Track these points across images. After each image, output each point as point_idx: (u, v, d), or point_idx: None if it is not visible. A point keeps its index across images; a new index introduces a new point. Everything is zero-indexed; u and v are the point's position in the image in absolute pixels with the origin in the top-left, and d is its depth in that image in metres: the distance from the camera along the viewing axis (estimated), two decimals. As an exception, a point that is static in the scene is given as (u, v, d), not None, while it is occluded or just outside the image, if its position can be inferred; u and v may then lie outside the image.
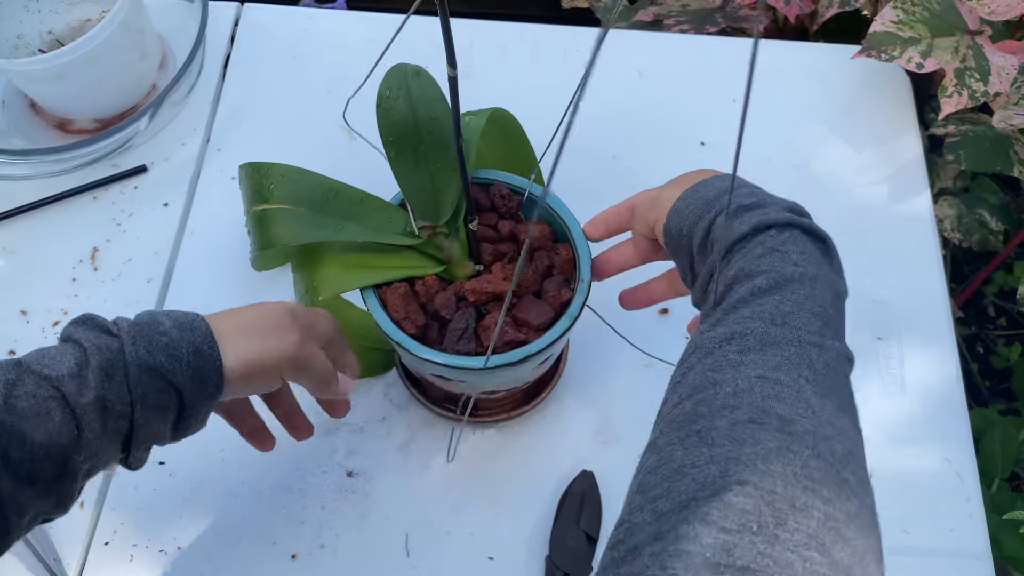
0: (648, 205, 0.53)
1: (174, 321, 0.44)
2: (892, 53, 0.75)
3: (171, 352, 0.43)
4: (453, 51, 0.42)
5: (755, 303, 0.41)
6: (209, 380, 0.44)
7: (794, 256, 0.44)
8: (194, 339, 0.44)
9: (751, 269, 0.43)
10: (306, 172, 0.58)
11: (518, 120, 0.65)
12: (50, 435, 0.40)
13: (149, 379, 0.42)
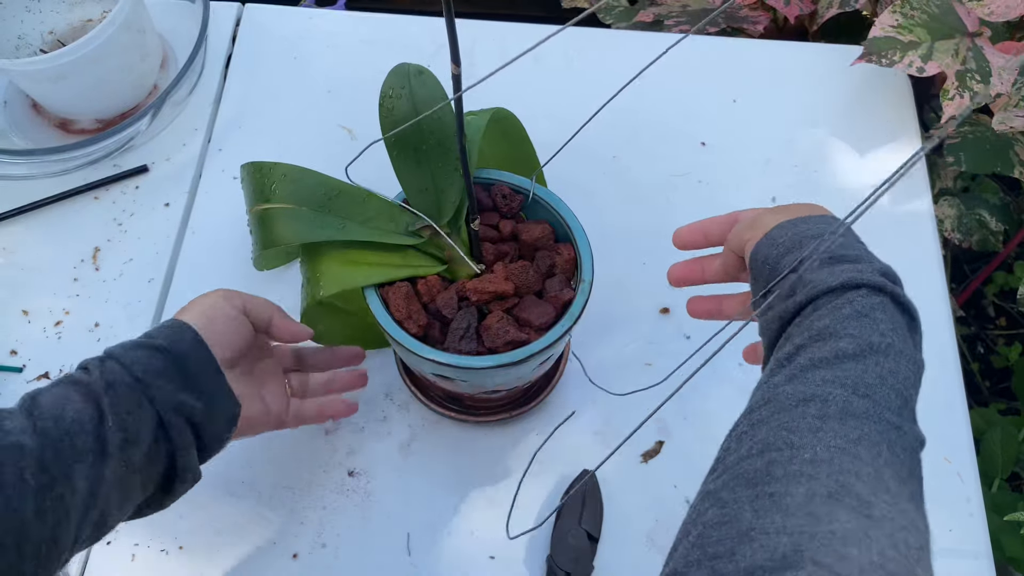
0: (747, 223, 0.52)
1: (147, 334, 0.49)
2: (893, 58, 0.76)
3: (157, 344, 0.48)
4: (457, 49, 0.42)
5: (838, 367, 0.40)
6: (209, 369, 0.50)
7: (882, 325, 0.42)
8: (169, 326, 0.50)
9: (837, 329, 0.41)
10: (308, 171, 0.58)
11: (519, 120, 0.65)
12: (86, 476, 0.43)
13: (160, 381, 0.47)
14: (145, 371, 0.46)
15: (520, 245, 0.60)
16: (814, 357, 0.41)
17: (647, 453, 0.67)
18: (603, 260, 0.60)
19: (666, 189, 0.79)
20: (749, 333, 0.72)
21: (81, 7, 0.84)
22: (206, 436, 0.49)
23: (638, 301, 0.73)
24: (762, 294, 0.47)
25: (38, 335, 0.71)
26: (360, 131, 0.82)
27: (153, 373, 0.46)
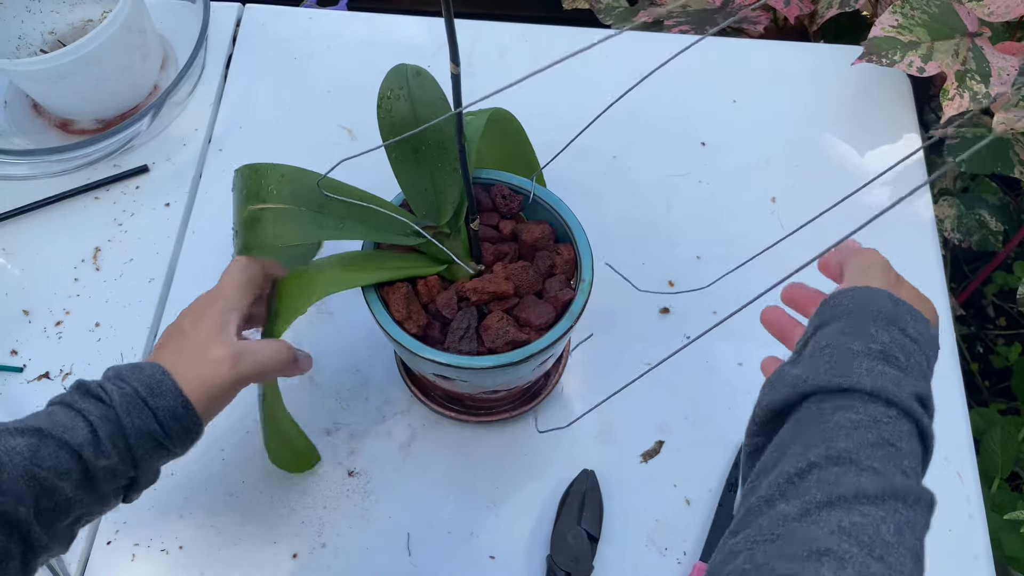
0: (860, 264, 0.52)
1: (146, 387, 0.49)
2: (893, 58, 0.76)
3: (157, 420, 0.48)
4: (456, 48, 0.42)
5: (856, 509, 0.37)
6: (191, 431, 0.50)
7: (906, 461, 0.39)
8: (169, 404, 0.49)
9: (858, 458, 0.38)
10: (306, 172, 0.58)
11: (518, 120, 0.65)
12: (73, 490, 0.45)
13: (146, 443, 0.48)
14: (134, 431, 0.48)
15: (520, 245, 0.60)
16: (832, 492, 0.37)
17: (647, 453, 0.67)
18: (603, 260, 0.60)
19: (666, 189, 0.79)
20: (749, 327, 0.72)
21: (81, 7, 0.84)
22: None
23: (638, 301, 0.73)
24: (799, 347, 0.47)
25: (38, 335, 0.72)
26: (360, 131, 0.82)
27: (137, 431, 0.48)
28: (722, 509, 0.64)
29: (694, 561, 0.62)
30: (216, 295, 0.55)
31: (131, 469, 0.48)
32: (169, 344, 0.53)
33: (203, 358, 0.51)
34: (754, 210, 0.78)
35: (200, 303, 0.55)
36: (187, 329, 0.53)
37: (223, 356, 0.51)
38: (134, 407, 0.48)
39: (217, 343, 0.51)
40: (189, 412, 0.49)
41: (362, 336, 0.71)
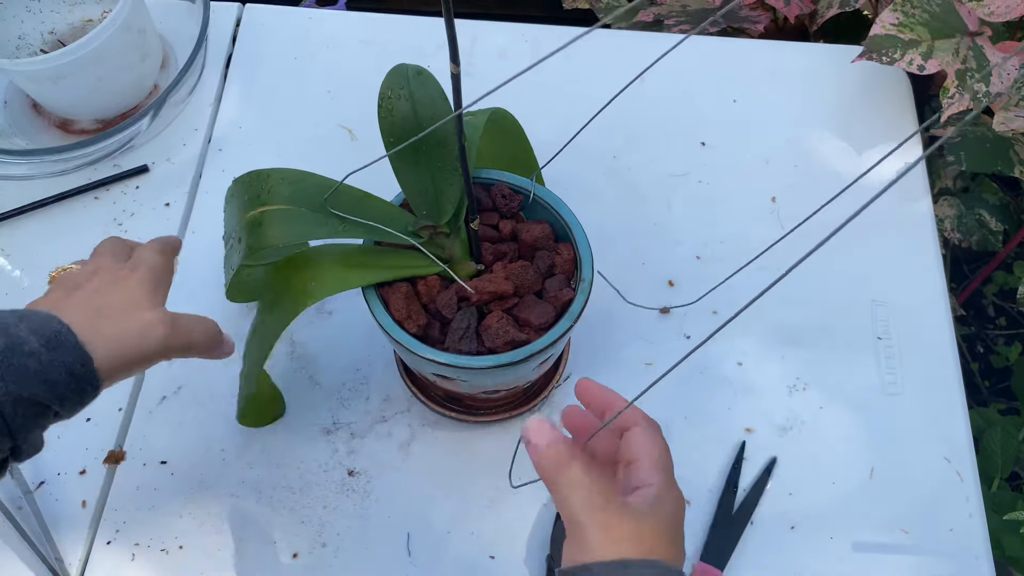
0: (652, 456, 0.42)
1: (38, 337, 0.41)
2: (893, 56, 0.76)
3: (44, 378, 0.41)
4: (456, 48, 0.42)
5: None
6: (87, 394, 0.44)
7: None
8: (66, 359, 0.42)
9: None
10: (307, 174, 0.58)
11: (518, 120, 0.65)
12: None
13: (25, 409, 0.41)
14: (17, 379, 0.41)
15: (520, 245, 0.60)
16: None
17: (647, 453, 0.67)
18: (603, 260, 0.60)
19: (666, 189, 0.79)
20: (749, 327, 0.72)
21: (81, 7, 0.84)
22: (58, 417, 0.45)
23: (638, 301, 0.73)
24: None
25: (38, 335, 0.72)
26: (360, 131, 0.82)
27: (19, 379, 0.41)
28: (722, 509, 0.64)
29: (694, 561, 0.62)
30: (135, 263, 0.50)
31: (8, 440, 0.41)
32: (70, 299, 0.46)
33: (129, 318, 0.45)
34: (754, 210, 0.78)
35: (105, 267, 0.49)
36: (100, 288, 0.47)
37: (156, 320, 0.46)
38: (11, 367, 0.40)
39: (149, 306, 0.46)
40: (88, 371, 0.42)
41: (362, 336, 0.71)
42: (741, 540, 0.63)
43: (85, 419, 0.68)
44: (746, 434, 0.67)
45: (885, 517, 0.64)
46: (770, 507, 0.65)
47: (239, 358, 0.61)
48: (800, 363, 0.70)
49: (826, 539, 0.64)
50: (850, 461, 0.66)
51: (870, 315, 0.73)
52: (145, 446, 0.67)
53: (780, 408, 0.69)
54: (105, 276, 0.48)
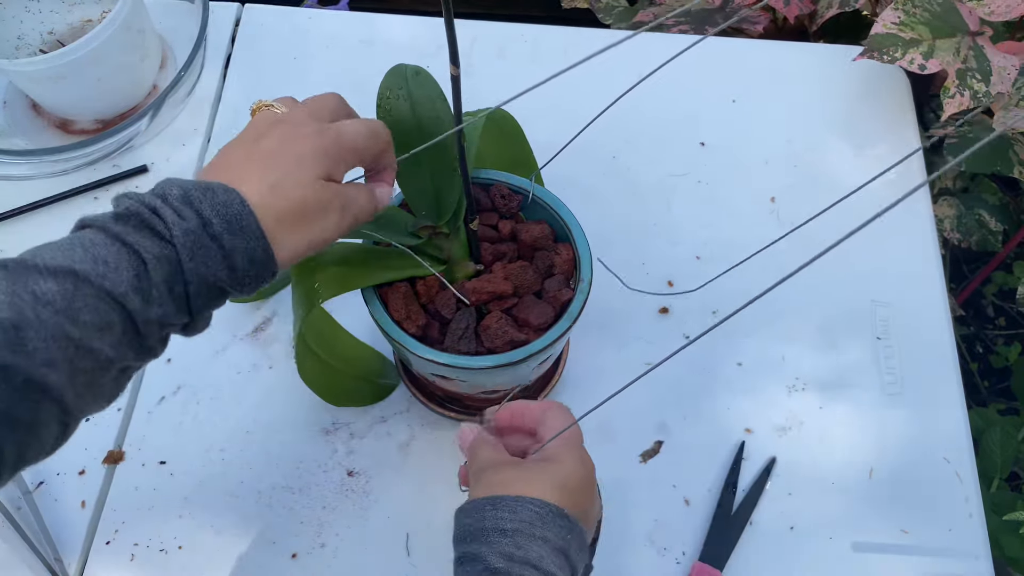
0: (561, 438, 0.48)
1: (221, 219, 0.40)
2: (894, 55, 0.76)
3: (228, 264, 0.41)
4: (456, 49, 0.42)
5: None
6: (264, 279, 0.43)
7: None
8: (248, 246, 0.41)
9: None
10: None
11: (517, 120, 0.65)
12: (114, 347, 0.39)
13: (208, 292, 0.41)
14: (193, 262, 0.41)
15: (519, 245, 0.60)
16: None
17: (646, 453, 0.67)
18: (600, 259, 0.60)
19: (666, 189, 0.79)
20: (749, 327, 0.72)
21: (81, 7, 0.84)
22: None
23: (637, 301, 0.73)
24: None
25: (38, 335, 0.71)
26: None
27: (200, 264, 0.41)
28: (721, 509, 0.64)
29: (693, 561, 0.62)
30: (330, 128, 0.46)
31: (186, 317, 0.42)
32: (250, 162, 0.43)
33: (306, 201, 0.43)
34: (754, 210, 0.78)
35: (292, 120, 0.45)
36: (278, 151, 0.44)
37: (327, 203, 0.44)
38: (201, 248, 0.40)
39: (319, 185, 0.43)
40: (268, 257, 0.42)
41: (362, 336, 0.71)
42: (740, 540, 0.63)
43: (84, 419, 0.67)
44: (746, 434, 0.67)
45: (885, 517, 0.64)
46: (769, 507, 0.65)
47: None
48: (800, 363, 0.70)
49: (826, 539, 0.64)
50: (850, 461, 0.66)
51: (870, 315, 0.73)
52: (144, 446, 0.67)
53: (780, 408, 0.69)
54: (287, 132, 0.45)
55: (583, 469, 0.47)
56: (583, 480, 0.47)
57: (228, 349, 0.71)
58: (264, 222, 0.42)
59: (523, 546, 0.42)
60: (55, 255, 0.39)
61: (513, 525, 0.43)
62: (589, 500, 0.47)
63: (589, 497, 0.47)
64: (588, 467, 0.48)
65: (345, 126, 0.47)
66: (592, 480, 0.48)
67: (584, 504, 0.46)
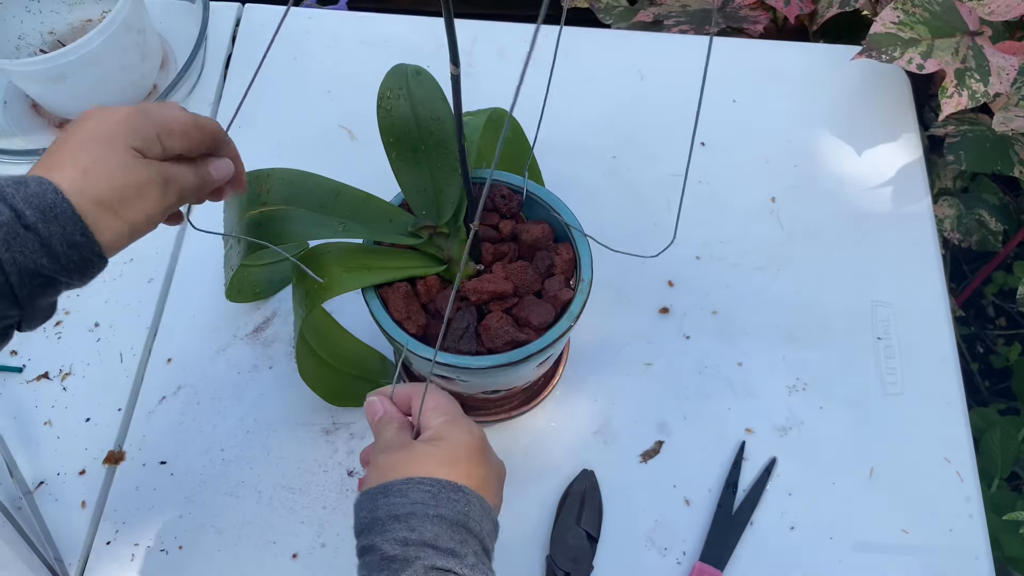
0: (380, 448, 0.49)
1: (35, 209, 0.41)
2: (893, 54, 0.76)
3: (48, 251, 0.41)
4: (456, 49, 0.42)
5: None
6: (91, 264, 0.43)
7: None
8: (64, 231, 0.41)
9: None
10: (307, 174, 0.58)
11: (517, 120, 0.65)
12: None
13: (32, 281, 0.41)
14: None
15: (519, 245, 0.60)
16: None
17: (646, 453, 0.67)
18: (602, 260, 0.60)
19: (666, 189, 0.79)
20: (749, 327, 0.72)
21: (81, 7, 0.84)
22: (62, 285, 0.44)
23: (637, 301, 0.73)
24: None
25: (38, 335, 0.71)
26: (360, 131, 0.82)
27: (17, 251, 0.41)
28: (721, 509, 0.64)
29: (693, 561, 0.62)
30: (136, 108, 0.45)
31: (14, 308, 0.41)
32: (64, 149, 0.43)
33: (118, 179, 0.43)
34: (754, 210, 0.78)
35: (105, 109, 0.45)
36: (93, 136, 0.44)
37: (145, 181, 0.43)
38: (16, 238, 0.40)
39: (133, 162, 0.43)
40: (89, 240, 0.42)
41: (362, 336, 0.71)
42: (741, 540, 0.63)
43: (84, 419, 0.68)
44: (746, 434, 0.67)
45: (885, 517, 0.64)
46: (770, 507, 0.65)
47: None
48: (800, 363, 0.70)
49: (826, 539, 0.64)
50: (850, 461, 0.66)
51: (870, 315, 0.73)
52: (144, 446, 0.67)
53: (780, 408, 0.69)
54: (98, 118, 0.45)
55: (469, 438, 0.48)
56: (471, 449, 0.47)
57: (228, 349, 0.71)
58: (81, 207, 0.41)
59: (417, 528, 0.43)
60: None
61: (406, 509, 0.44)
62: (482, 468, 0.48)
63: (482, 465, 0.48)
64: (475, 436, 0.48)
65: (156, 105, 0.47)
66: (481, 447, 0.48)
67: (478, 473, 0.47)
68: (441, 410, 0.49)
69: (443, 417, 0.49)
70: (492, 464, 0.49)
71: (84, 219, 0.42)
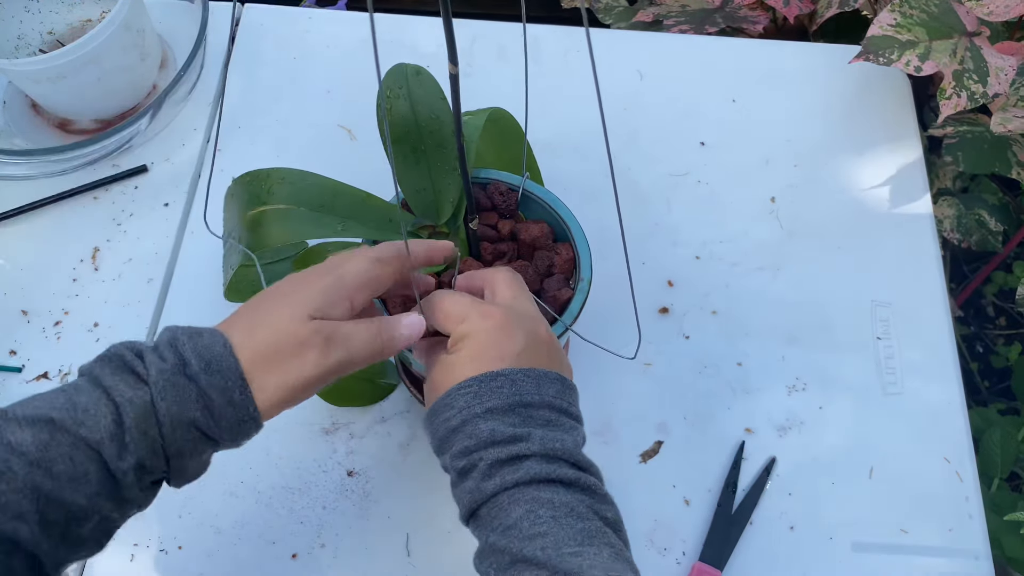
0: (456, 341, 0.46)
1: (200, 359, 0.40)
2: (890, 56, 0.76)
3: (205, 404, 0.40)
4: (455, 48, 0.42)
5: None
6: (245, 426, 0.42)
7: (571, 547, 0.40)
8: (225, 385, 0.40)
9: (524, 552, 0.40)
10: (307, 174, 0.58)
11: (517, 120, 0.65)
12: (89, 497, 0.38)
13: (184, 433, 0.40)
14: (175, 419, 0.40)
15: (519, 245, 0.60)
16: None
17: (646, 453, 0.67)
18: (602, 260, 0.61)
19: (666, 189, 0.79)
20: (749, 327, 0.72)
21: (80, 7, 0.84)
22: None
23: (638, 300, 0.73)
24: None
25: (37, 335, 0.71)
26: (360, 131, 0.82)
27: (179, 419, 0.40)
28: (721, 509, 0.64)
29: (693, 561, 0.62)
30: (331, 269, 0.45)
31: (163, 463, 0.40)
32: (244, 309, 0.44)
33: (280, 337, 0.41)
34: (754, 210, 0.78)
35: (308, 272, 0.45)
36: (276, 293, 0.44)
37: (305, 339, 0.41)
38: (174, 387, 0.39)
39: (301, 320, 0.42)
40: (247, 399, 0.40)
41: (361, 336, 0.71)
42: (740, 540, 0.63)
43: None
44: (746, 434, 0.67)
45: (885, 517, 0.64)
46: (769, 507, 0.65)
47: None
48: (800, 363, 0.70)
49: (826, 539, 0.64)
50: (850, 461, 0.66)
51: (870, 315, 0.73)
52: (144, 446, 0.66)
53: (780, 408, 0.69)
54: (296, 278, 0.45)
55: (485, 322, 0.45)
56: (491, 332, 0.45)
57: (228, 349, 0.71)
58: (243, 364, 0.41)
59: (473, 433, 0.42)
60: (38, 404, 0.38)
61: (458, 418, 0.43)
62: (513, 341, 0.45)
63: (512, 339, 0.45)
64: (492, 317, 0.45)
65: (347, 264, 0.46)
66: (503, 324, 0.45)
67: (511, 349, 0.44)
68: (451, 317, 0.46)
69: (455, 321, 0.46)
70: (527, 329, 0.46)
71: (245, 377, 0.41)
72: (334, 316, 0.44)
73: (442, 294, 0.48)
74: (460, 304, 0.47)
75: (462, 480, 0.43)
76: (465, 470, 0.43)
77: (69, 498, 0.37)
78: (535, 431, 0.42)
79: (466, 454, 0.43)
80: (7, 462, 0.36)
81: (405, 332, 0.47)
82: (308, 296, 0.43)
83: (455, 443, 0.43)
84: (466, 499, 0.44)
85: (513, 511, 0.41)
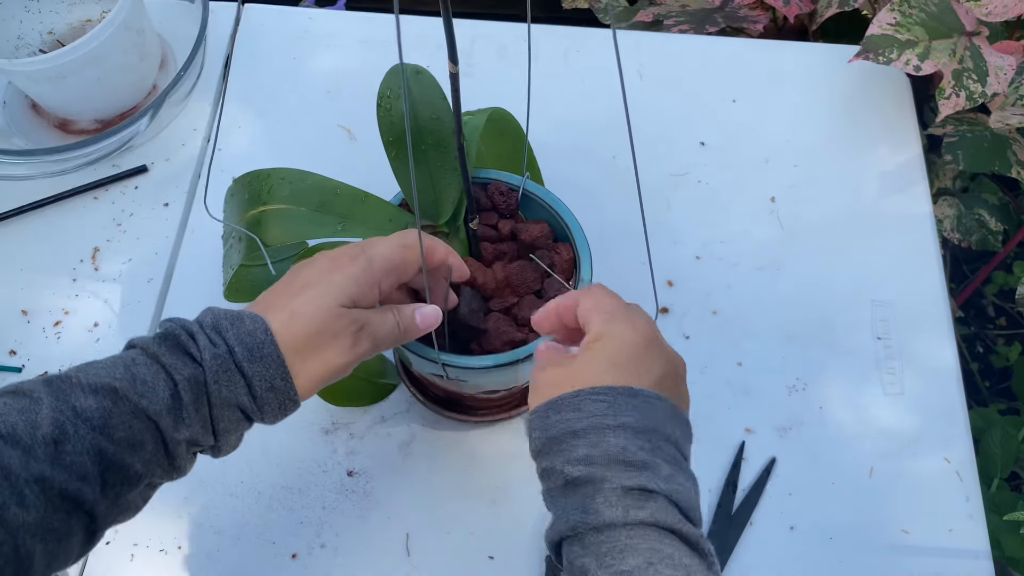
0: (592, 326, 0.44)
1: (244, 347, 0.43)
2: (889, 56, 0.76)
3: (249, 390, 0.43)
4: (455, 47, 0.42)
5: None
6: (285, 408, 0.45)
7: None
8: (267, 373, 0.43)
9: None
10: (307, 173, 0.58)
11: (517, 120, 0.65)
12: (145, 463, 0.41)
13: (230, 415, 0.43)
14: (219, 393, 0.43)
15: (519, 245, 0.60)
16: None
17: (646, 453, 0.67)
18: (602, 260, 0.60)
19: (666, 189, 0.79)
20: (749, 327, 0.72)
21: (80, 7, 0.84)
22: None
23: (637, 301, 0.73)
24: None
25: (37, 335, 0.71)
26: (359, 131, 0.82)
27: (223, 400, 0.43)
28: (721, 509, 0.64)
29: (694, 561, 0.62)
30: (360, 252, 0.47)
31: (211, 439, 0.43)
32: (281, 292, 0.45)
33: (316, 325, 0.43)
34: (754, 210, 0.78)
35: (338, 255, 0.47)
36: (308, 279, 0.45)
37: (340, 330, 0.44)
38: (225, 373, 0.42)
39: (336, 311, 0.44)
40: (288, 385, 0.43)
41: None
42: (741, 540, 0.63)
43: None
44: (746, 434, 0.67)
45: (885, 517, 0.64)
46: (770, 507, 0.65)
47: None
48: (800, 363, 0.70)
49: (826, 539, 0.64)
50: (850, 461, 0.66)
51: (870, 315, 0.73)
52: (144, 446, 0.66)
53: (780, 408, 0.69)
54: (324, 261, 0.47)
55: (634, 334, 0.42)
56: (637, 346, 0.42)
57: (228, 349, 0.71)
58: (283, 350, 0.43)
59: (599, 443, 0.39)
60: (99, 372, 0.41)
61: (583, 423, 0.39)
62: (656, 364, 0.42)
63: (655, 361, 0.42)
64: (640, 330, 0.43)
65: (375, 248, 0.47)
66: (649, 342, 0.43)
67: (653, 371, 0.42)
68: (600, 308, 0.44)
69: (602, 316, 0.44)
70: (668, 358, 0.44)
71: (286, 363, 0.43)
72: (364, 304, 0.46)
73: (601, 286, 0.47)
74: (611, 301, 0.45)
75: (572, 490, 0.40)
76: (580, 481, 0.39)
77: (128, 462, 0.40)
78: (663, 465, 0.39)
79: (586, 463, 0.39)
80: (75, 426, 0.39)
81: (421, 324, 0.49)
82: (342, 285, 0.45)
83: (574, 448, 0.39)
84: (573, 516, 0.39)
85: (630, 556, 0.37)
